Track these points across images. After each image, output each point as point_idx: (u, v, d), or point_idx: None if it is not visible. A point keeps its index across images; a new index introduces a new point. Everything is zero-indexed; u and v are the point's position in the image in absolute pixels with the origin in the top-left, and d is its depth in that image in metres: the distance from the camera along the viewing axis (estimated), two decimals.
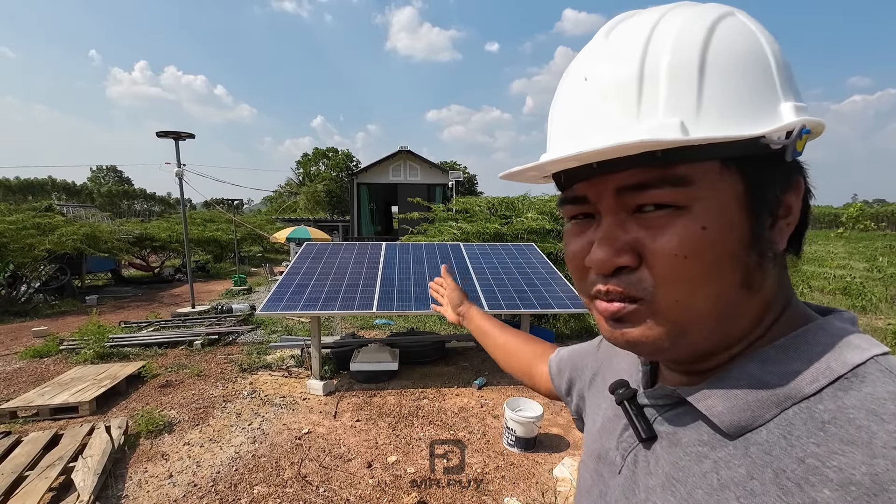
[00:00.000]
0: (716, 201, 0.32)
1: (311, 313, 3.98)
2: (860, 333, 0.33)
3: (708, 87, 0.31)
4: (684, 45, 0.32)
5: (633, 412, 0.41)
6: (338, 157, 39.34)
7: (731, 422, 0.33)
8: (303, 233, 12.32)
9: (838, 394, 0.30)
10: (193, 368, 4.63)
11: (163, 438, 3.22)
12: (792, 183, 0.34)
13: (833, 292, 8.63)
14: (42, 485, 2.41)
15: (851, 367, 0.31)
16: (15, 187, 44.66)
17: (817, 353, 0.32)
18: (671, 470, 0.36)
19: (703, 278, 0.32)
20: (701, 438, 0.35)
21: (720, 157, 0.31)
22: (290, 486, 2.65)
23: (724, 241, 0.32)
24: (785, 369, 0.32)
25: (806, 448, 0.29)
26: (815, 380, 0.31)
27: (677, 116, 0.31)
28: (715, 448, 0.34)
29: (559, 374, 0.67)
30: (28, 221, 8.68)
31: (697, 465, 0.34)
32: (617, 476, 0.42)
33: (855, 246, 17.83)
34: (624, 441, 0.42)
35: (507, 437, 3.10)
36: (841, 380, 0.30)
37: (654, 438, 0.39)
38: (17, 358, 5.09)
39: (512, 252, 5.48)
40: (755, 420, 0.32)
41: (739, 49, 0.32)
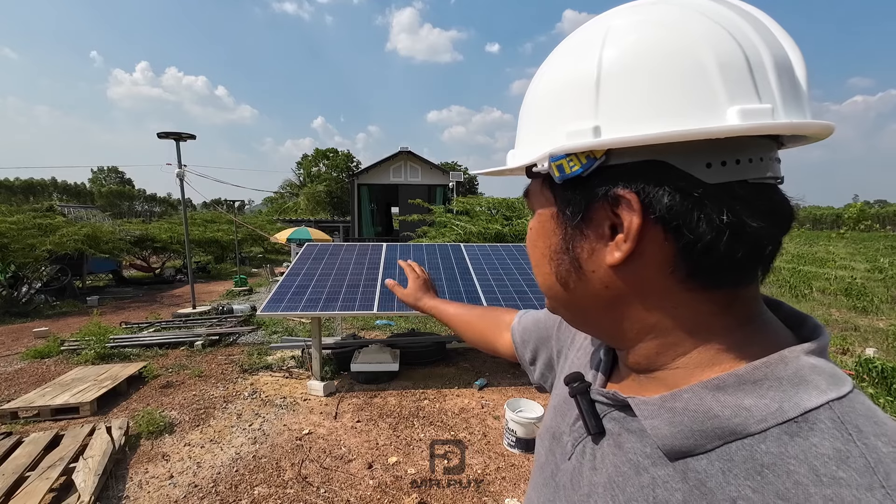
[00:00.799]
0: (539, 211, 0.40)
1: (311, 314, 3.98)
2: (824, 368, 0.31)
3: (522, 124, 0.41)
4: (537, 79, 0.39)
5: (584, 408, 0.42)
6: (338, 158, 39.37)
7: (674, 446, 0.33)
8: (303, 233, 12.32)
9: (783, 438, 0.29)
10: (194, 369, 4.64)
11: (163, 439, 3.22)
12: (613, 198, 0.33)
13: (834, 293, 8.61)
14: (43, 485, 2.41)
15: (803, 412, 0.29)
16: (17, 188, 44.74)
17: (773, 388, 0.31)
18: (614, 473, 0.37)
19: (534, 266, 0.42)
20: (644, 451, 0.35)
21: (539, 176, 0.39)
22: (290, 487, 2.65)
23: (540, 242, 0.40)
24: (737, 402, 0.31)
25: (741, 489, 0.29)
26: (763, 419, 0.30)
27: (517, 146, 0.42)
28: (655, 464, 0.34)
29: (523, 344, 0.70)
30: (29, 222, 8.69)
31: (637, 476, 0.35)
32: (567, 462, 0.44)
33: (856, 247, 17.80)
34: (575, 431, 0.44)
35: (508, 438, 3.10)
36: (789, 423, 0.29)
37: (602, 434, 0.40)
38: (18, 358, 5.10)
39: (513, 252, 5.47)
40: (696, 448, 0.32)
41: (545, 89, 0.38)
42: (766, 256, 0.34)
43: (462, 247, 5.65)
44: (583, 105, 0.33)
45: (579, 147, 0.33)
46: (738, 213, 0.31)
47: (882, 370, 3.89)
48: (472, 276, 4.71)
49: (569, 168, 0.34)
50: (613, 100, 0.32)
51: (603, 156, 0.33)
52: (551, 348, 0.63)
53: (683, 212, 0.31)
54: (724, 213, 0.31)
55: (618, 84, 0.32)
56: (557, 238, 0.38)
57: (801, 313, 0.38)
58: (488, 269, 4.92)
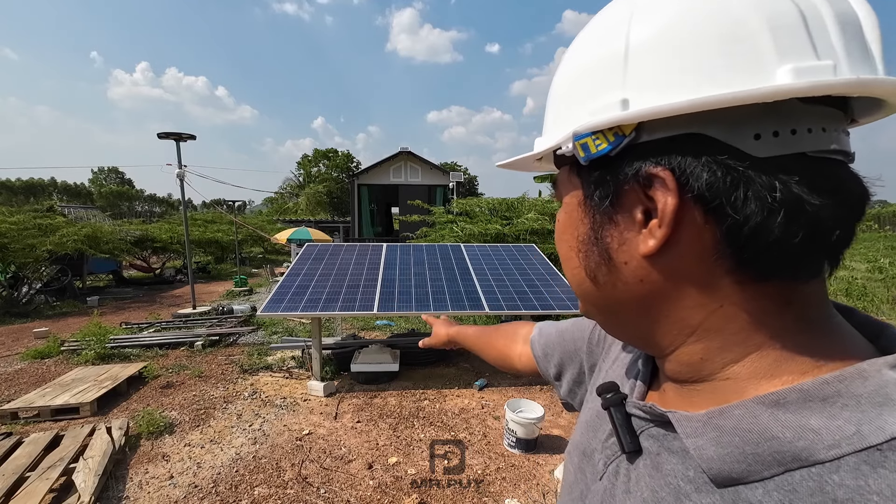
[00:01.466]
0: (567, 200, 0.37)
1: (311, 314, 3.98)
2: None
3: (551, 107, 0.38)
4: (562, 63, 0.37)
5: (618, 422, 0.37)
6: (338, 159, 39.39)
7: (721, 471, 0.28)
8: (304, 234, 12.34)
9: (863, 468, 0.24)
10: (194, 369, 4.64)
11: (163, 439, 3.22)
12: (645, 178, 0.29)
13: (835, 294, 8.62)
14: (43, 486, 2.41)
15: (889, 438, 0.24)
16: (18, 189, 44.78)
17: (849, 408, 0.25)
18: (650, 497, 0.33)
19: (562, 261, 0.39)
20: (686, 474, 0.31)
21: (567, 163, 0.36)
22: (290, 488, 2.65)
23: (569, 233, 0.37)
24: (802, 422, 0.26)
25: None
26: (836, 444, 0.25)
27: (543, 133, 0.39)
28: (699, 491, 0.29)
29: (545, 357, 0.65)
30: (29, 222, 8.70)
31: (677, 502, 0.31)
32: (598, 482, 0.39)
33: (856, 247, 17.82)
34: (608, 448, 0.40)
35: (508, 439, 3.09)
36: (871, 450, 0.24)
37: (638, 452, 0.35)
38: (18, 359, 5.10)
39: (513, 253, 5.48)
40: (750, 475, 0.27)
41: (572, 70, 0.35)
42: (833, 244, 0.28)
43: (462, 247, 5.65)
44: (609, 78, 0.30)
45: (605, 122, 0.29)
46: (793, 189, 0.26)
47: None
48: (472, 277, 4.71)
49: (594, 147, 0.30)
50: (644, 68, 0.29)
51: (633, 132, 0.29)
52: (581, 362, 0.58)
53: (726, 189, 0.27)
54: (777, 190, 0.26)
55: (648, 51, 0.29)
56: (585, 227, 0.34)
57: (879, 321, 0.32)
58: (488, 270, 4.92)
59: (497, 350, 0.81)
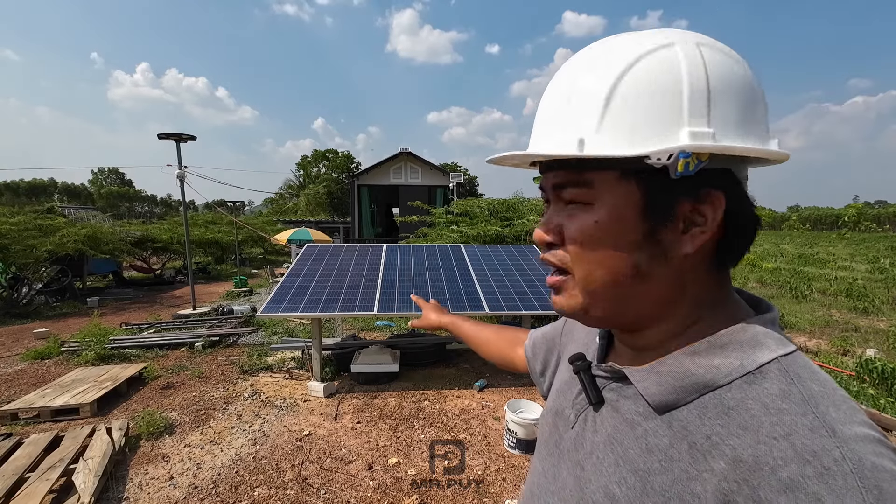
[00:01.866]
0: (611, 203, 0.40)
1: (312, 315, 3.98)
2: (774, 334, 0.40)
3: (610, 112, 0.38)
4: (603, 76, 0.39)
5: (586, 381, 0.49)
6: (338, 159, 39.39)
7: (661, 401, 0.40)
8: (304, 234, 12.33)
9: (744, 386, 0.37)
10: (194, 370, 4.64)
11: (163, 440, 3.22)
12: (702, 196, 0.39)
13: (835, 294, 8.60)
14: (43, 486, 2.41)
15: (759, 366, 0.37)
16: (21, 189, 44.79)
17: (736, 350, 0.39)
18: (612, 431, 0.44)
19: (595, 264, 0.42)
20: (637, 409, 0.43)
21: (619, 168, 0.39)
22: (290, 489, 2.65)
23: (613, 236, 0.41)
24: (709, 362, 0.39)
25: (713, 427, 0.36)
26: (728, 374, 0.38)
27: (581, 133, 0.39)
28: (647, 419, 0.41)
29: (534, 357, 0.74)
30: (30, 223, 8.70)
31: (632, 430, 0.42)
32: (570, 430, 0.50)
33: (857, 248, 17.78)
34: (578, 403, 0.50)
35: (508, 439, 3.09)
36: (748, 375, 0.37)
37: (601, 403, 0.47)
38: (18, 359, 5.10)
39: (513, 253, 5.48)
40: (678, 401, 0.39)
41: (652, 80, 0.38)
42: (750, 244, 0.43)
43: (462, 247, 5.65)
44: (698, 111, 0.37)
45: (706, 148, 0.36)
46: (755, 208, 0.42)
47: (883, 371, 3.89)
48: (472, 277, 4.71)
49: (692, 165, 0.37)
50: (721, 113, 0.38)
51: (707, 159, 0.37)
52: (554, 355, 0.68)
53: (742, 211, 0.40)
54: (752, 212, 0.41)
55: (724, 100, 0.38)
56: (638, 230, 0.40)
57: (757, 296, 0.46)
58: (489, 270, 4.92)
59: (499, 350, 0.90)
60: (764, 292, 9.03)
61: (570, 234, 0.43)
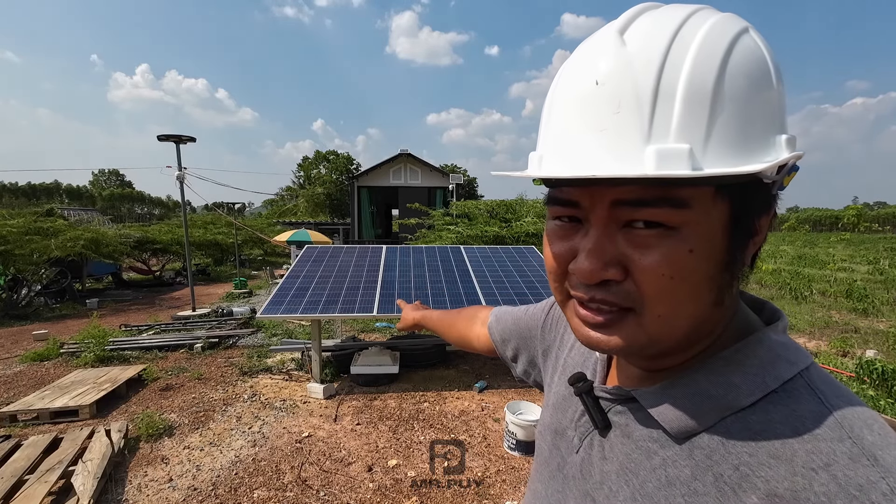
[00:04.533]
0: (706, 225, 0.32)
1: (311, 316, 3.97)
2: (790, 345, 0.37)
3: (720, 112, 0.30)
4: (704, 62, 0.30)
5: (590, 405, 0.44)
6: (338, 161, 39.40)
7: (679, 428, 0.36)
8: (303, 236, 12.33)
9: (768, 407, 0.34)
10: (194, 372, 4.63)
11: (163, 442, 3.21)
12: (768, 208, 0.36)
13: (835, 295, 8.61)
14: (42, 488, 2.40)
15: (782, 383, 0.34)
16: (24, 191, 44.77)
17: (755, 366, 0.35)
18: (625, 460, 0.40)
19: (685, 298, 0.34)
20: (651, 436, 0.38)
21: (717, 183, 0.32)
22: (290, 490, 2.64)
23: (707, 264, 0.33)
24: (728, 381, 0.35)
25: (740, 456, 0.33)
26: (751, 393, 0.34)
27: (687, 142, 0.30)
28: (664, 447, 0.37)
29: (503, 342, 0.72)
30: (30, 225, 8.69)
31: (648, 460, 0.38)
32: (574, 455, 0.46)
33: (856, 249, 17.79)
34: (581, 426, 0.46)
35: (508, 441, 3.09)
36: (772, 394, 0.34)
37: (609, 427, 0.43)
38: (17, 361, 5.09)
39: (512, 254, 5.47)
40: (699, 426, 0.35)
41: (752, 73, 0.31)
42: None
43: (462, 249, 5.65)
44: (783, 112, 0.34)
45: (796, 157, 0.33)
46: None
47: (883, 372, 3.89)
48: (471, 279, 4.71)
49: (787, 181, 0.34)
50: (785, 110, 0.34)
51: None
52: (534, 347, 0.66)
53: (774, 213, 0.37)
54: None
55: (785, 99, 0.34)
56: (728, 250, 0.34)
57: (761, 299, 0.43)
58: (488, 272, 4.92)
59: (458, 331, 0.88)
60: (764, 293, 9.03)
61: (649, 267, 0.33)
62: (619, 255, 0.34)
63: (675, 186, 0.31)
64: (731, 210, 0.33)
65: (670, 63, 0.31)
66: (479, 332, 0.81)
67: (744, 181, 0.32)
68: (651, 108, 0.31)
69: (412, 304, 1.07)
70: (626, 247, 0.34)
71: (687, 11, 0.33)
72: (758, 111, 0.32)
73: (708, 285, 0.34)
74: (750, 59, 0.32)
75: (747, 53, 0.32)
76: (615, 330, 0.36)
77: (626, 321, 0.35)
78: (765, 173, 0.31)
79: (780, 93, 0.33)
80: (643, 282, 0.33)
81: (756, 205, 0.34)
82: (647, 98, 0.31)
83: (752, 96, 0.31)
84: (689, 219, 0.32)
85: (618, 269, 0.34)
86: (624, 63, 0.32)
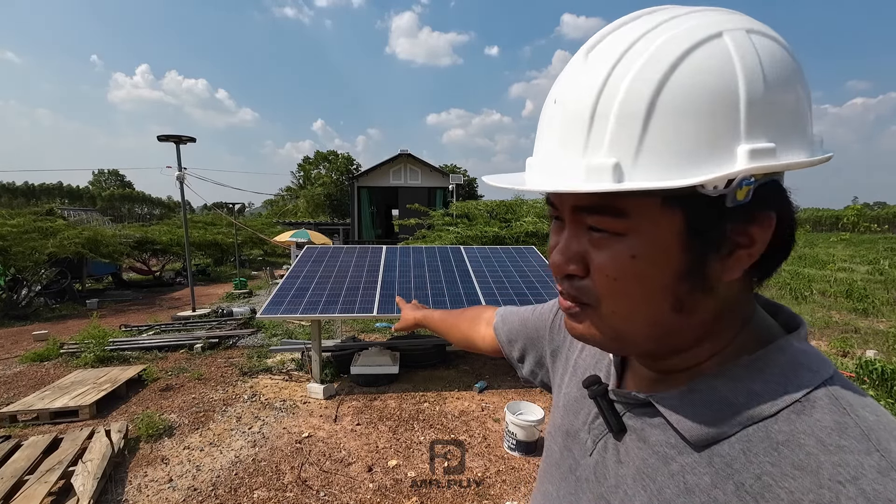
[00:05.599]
0: (652, 234, 0.34)
1: (311, 317, 3.97)
2: (812, 353, 0.36)
3: (653, 129, 0.31)
4: (643, 79, 0.31)
5: (605, 408, 0.44)
6: (338, 161, 39.41)
7: (699, 436, 0.36)
8: (303, 236, 12.32)
9: (792, 417, 0.33)
10: (194, 372, 4.63)
11: (163, 442, 3.21)
12: (755, 218, 0.33)
13: (835, 295, 8.61)
14: (42, 489, 2.40)
15: (805, 392, 0.33)
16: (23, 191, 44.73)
17: (776, 375, 0.35)
18: (641, 465, 0.39)
19: (636, 300, 0.36)
20: (668, 441, 0.38)
21: (662, 194, 0.32)
22: (290, 491, 2.64)
23: (653, 272, 0.35)
24: (750, 388, 0.35)
25: (762, 466, 0.32)
26: (774, 403, 0.34)
27: (616, 157, 0.32)
28: (682, 453, 0.37)
29: (510, 343, 0.72)
30: (30, 225, 8.70)
31: (665, 466, 0.37)
32: (588, 457, 0.46)
33: (856, 249, 17.80)
34: (595, 428, 0.46)
35: (508, 441, 3.09)
36: (795, 404, 0.33)
37: (624, 431, 0.42)
38: (17, 361, 5.09)
39: (512, 255, 5.48)
40: (720, 435, 0.35)
41: (700, 87, 0.31)
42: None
43: (462, 249, 5.65)
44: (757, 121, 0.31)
45: (769, 168, 0.31)
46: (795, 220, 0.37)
47: (883, 372, 3.89)
48: (471, 279, 4.71)
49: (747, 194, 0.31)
50: (781, 120, 0.32)
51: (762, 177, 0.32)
52: (542, 348, 0.65)
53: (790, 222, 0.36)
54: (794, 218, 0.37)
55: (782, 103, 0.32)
56: (681, 261, 0.34)
57: (776, 303, 0.42)
58: (488, 272, 4.92)
59: (461, 332, 0.87)
60: (764, 293, 9.00)
61: (597, 266, 0.36)
62: (582, 252, 0.37)
63: (616, 197, 0.34)
64: (687, 221, 0.33)
65: (611, 83, 0.33)
66: (485, 333, 0.80)
67: (689, 193, 0.32)
68: (589, 125, 0.33)
69: (410, 304, 1.06)
70: (587, 245, 0.37)
71: (654, 23, 0.33)
72: (704, 124, 0.31)
73: (662, 292, 0.35)
74: (702, 72, 0.31)
75: (702, 65, 0.31)
76: (582, 320, 0.40)
77: (588, 314, 0.39)
78: (707, 186, 0.31)
79: (749, 101, 0.31)
80: (595, 279, 0.37)
81: (718, 215, 0.32)
82: (587, 116, 0.33)
83: (697, 111, 0.31)
84: (632, 227, 0.34)
85: (579, 266, 0.38)
86: (576, 84, 0.35)
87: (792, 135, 0.32)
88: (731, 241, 0.34)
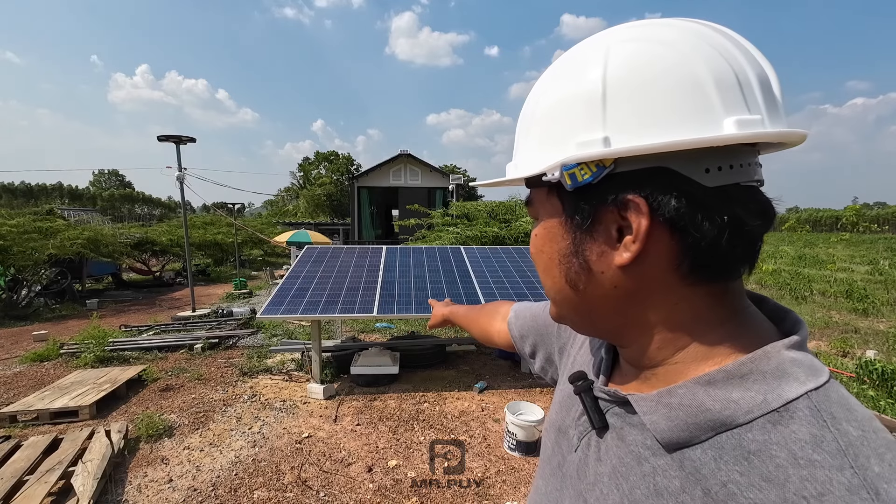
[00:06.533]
0: (546, 217, 0.42)
1: (311, 317, 3.97)
2: (804, 360, 0.34)
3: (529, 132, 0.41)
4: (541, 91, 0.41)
5: (588, 404, 0.45)
6: (339, 161, 39.41)
7: (671, 439, 0.36)
8: (303, 236, 12.32)
9: (767, 427, 0.32)
10: (194, 372, 4.63)
11: (163, 443, 3.21)
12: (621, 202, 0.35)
13: (835, 295, 8.61)
14: (41, 489, 2.40)
15: (785, 402, 0.32)
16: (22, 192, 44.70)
17: (758, 382, 0.34)
18: (617, 464, 0.40)
19: (542, 272, 0.44)
20: (644, 442, 0.38)
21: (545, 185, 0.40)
22: (290, 491, 2.64)
23: (548, 248, 0.42)
24: (726, 395, 0.34)
25: (731, 474, 0.32)
26: (750, 411, 0.33)
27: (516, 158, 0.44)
28: (655, 455, 0.37)
29: (522, 338, 0.74)
30: (30, 225, 8.70)
31: (638, 466, 0.38)
32: (573, 453, 0.47)
33: (856, 249, 17.80)
34: (580, 425, 0.47)
35: (508, 441, 3.09)
36: (772, 413, 0.32)
37: (606, 428, 0.43)
38: (17, 362, 5.09)
39: (512, 255, 5.48)
40: (692, 439, 0.35)
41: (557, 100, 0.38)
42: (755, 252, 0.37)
43: (462, 249, 5.65)
44: (591, 117, 0.35)
45: (591, 156, 0.35)
46: (736, 212, 0.34)
47: (883, 372, 3.89)
48: (471, 279, 4.71)
49: (581, 176, 0.36)
50: (621, 112, 0.34)
51: (612, 164, 0.35)
52: (551, 344, 0.67)
53: (689, 213, 0.34)
54: (725, 213, 0.34)
55: (624, 97, 0.34)
56: (566, 242, 0.40)
57: (784, 308, 0.41)
58: (488, 272, 4.92)
59: (480, 327, 0.92)
60: (764, 294, 9.01)
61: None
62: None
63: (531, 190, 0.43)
64: (563, 206, 0.40)
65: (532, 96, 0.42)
66: (500, 328, 0.83)
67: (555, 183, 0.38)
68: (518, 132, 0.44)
69: (443, 302, 1.11)
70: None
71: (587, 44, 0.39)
72: (557, 124, 0.38)
73: (557, 267, 0.41)
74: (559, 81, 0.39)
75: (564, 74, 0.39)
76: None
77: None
78: (549, 175, 0.38)
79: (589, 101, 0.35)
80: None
81: (584, 200, 0.37)
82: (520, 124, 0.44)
83: (552, 113, 0.38)
84: (536, 213, 0.44)
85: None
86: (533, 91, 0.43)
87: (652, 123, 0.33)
88: (607, 225, 0.37)
